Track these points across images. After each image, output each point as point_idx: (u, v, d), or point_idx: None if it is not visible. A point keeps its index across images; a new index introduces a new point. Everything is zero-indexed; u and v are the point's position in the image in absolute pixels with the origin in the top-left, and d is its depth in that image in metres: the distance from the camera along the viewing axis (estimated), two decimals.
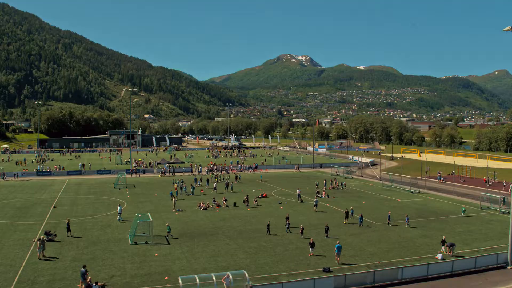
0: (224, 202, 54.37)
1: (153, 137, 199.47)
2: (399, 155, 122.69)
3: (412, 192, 65.05)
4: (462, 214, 49.44)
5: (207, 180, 72.33)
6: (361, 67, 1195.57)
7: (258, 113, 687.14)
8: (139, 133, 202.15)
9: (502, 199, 52.71)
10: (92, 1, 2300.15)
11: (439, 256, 33.75)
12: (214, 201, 54.58)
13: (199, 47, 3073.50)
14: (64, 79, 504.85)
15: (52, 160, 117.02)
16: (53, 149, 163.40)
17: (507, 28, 31.47)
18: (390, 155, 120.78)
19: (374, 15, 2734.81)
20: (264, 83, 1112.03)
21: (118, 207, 46.84)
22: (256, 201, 55.57)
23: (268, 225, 41.48)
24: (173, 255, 34.64)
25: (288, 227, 41.66)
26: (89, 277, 28.16)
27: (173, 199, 53.72)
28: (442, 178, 76.57)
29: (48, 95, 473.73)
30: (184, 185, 66.50)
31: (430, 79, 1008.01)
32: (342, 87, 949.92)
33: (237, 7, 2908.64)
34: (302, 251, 35.29)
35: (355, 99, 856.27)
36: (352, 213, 47.09)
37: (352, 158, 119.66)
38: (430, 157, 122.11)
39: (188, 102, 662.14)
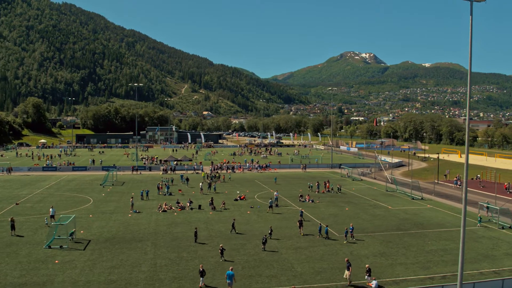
0: (188, 204, 49.92)
1: (188, 133, 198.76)
2: (441, 155, 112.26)
3: (413, 199, 57.02)
4: (479, 225, 42.55)
5: (187, 179, 68.50)
6: (426, 64, 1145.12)
7: (318, 111, 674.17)
8: (174, 129, 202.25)
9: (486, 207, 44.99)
10: (156, 0, 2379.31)
11: (373, 283, 27.29)
12: (178, 202, 50.25)
13: (262, 45, 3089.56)
14: (126, 77, 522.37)
15: (74, 156, 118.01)
16: (85, 145, 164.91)
17: None
18: (423, 155, 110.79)
19: (441, 11, 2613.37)
20: (326, 81, 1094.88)
21: (51, 210, 43.01)
22: (223, 204, 50.48)
23: (196, 232, 36.63)
24: (74, 263, 30.94)
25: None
26: None
27: (131, 199, 49.81)
28: (459, 183, 67.18)
29: (110, 92, 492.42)
30: (168, 184, 62.97)
31: (499, 76, 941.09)
32: (406, 85, 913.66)
33: (302, 4, 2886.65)
34: (219, 266, 30.38)
35: (419, 97, 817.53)
36: (301, 214, 42.00)
37: (377, 158, 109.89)
38: (469, 158, 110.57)
39: (247, 99, 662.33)
